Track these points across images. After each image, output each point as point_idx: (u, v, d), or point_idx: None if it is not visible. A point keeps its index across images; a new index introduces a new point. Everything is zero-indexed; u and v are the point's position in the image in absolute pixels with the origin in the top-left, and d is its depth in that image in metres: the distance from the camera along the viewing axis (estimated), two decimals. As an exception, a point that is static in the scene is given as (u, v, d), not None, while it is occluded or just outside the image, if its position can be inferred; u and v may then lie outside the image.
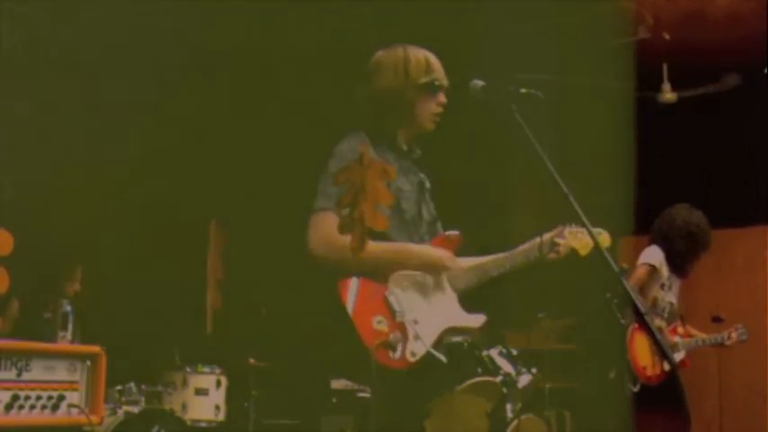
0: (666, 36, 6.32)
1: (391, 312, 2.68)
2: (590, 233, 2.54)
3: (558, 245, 3.00)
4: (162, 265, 5.89)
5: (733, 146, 6.73)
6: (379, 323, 2.64)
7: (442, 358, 2.67)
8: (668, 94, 6.69)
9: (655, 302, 5.10)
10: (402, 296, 2.72)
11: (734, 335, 5.43)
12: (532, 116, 2.69)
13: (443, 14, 5.61)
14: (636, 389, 4.88)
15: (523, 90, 2.72)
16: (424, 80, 2.94)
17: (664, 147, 6.93)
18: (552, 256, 3.02)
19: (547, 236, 3.03)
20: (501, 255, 3.01)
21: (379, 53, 3.02)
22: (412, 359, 2.63)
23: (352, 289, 2.68)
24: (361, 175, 1.78)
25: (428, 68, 2.97)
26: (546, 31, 6.15)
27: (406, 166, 2.97)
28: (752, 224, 6.97)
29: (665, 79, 6.69)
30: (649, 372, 4.95)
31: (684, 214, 5.23)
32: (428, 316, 2.74)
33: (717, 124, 6.78)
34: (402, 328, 2.65)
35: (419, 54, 2.99)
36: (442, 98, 2.99)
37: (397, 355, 2.61)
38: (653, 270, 5.08)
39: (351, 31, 5.72)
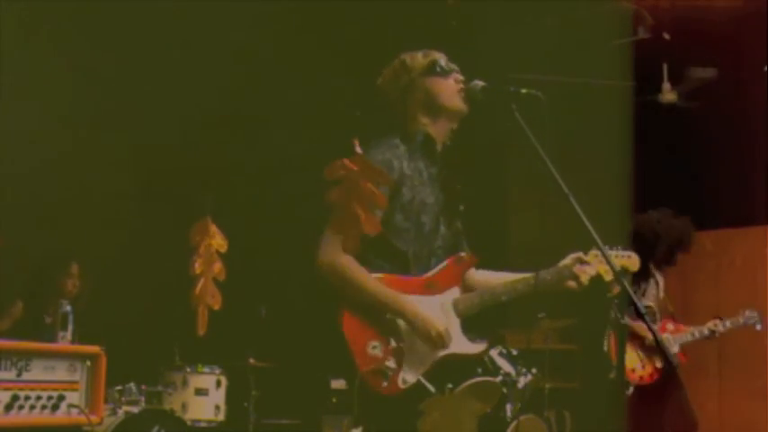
0: (666, 36, 6.32)
1: (386, 337, 2.67)
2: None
3: (577, 276, 2.87)
4: (162, 264, 5.88)
5: (733, 146, 6.73)
6: (374, 348, 2.64)
7: (431, 388, 2.65)
8: (668, 94, 6.69)
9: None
10: (402, 322, 2.70)
11: (728, 323, 5.30)
12: (532, 116, 2.68)
13: (443, 15, 5.62)
14: (629, 391, 4.89)
15: (523, 90, 2.72)
16: (425, 62, 2.92)
17: (663, 147, 6.93)
18: (571, 284, 2.89)
19: (566, 261, 2.91)
20: (513, 277, 2.93)
21: (381, 75, 3.01)
22: (402, 386, 2.63)
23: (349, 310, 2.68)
24: (355, 178, 1.77)
25: (425, 54, 2.95)
26: (546, 31, 6.15)
27: (434, 174, 2.91)
28: (752, 224, 6.97)
29: (665, 79, 6.69)
30: (639, 372, 4.97)
31: (653, 222, 5.19)
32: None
33: (716, 124, 6.77)
34: (398, 353, 2.65)
35: (413, 52, 2.98)
36: (457, 76, 2.93)
37: (388, 382, 2.61)
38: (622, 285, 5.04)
39: (351, 32, 5.72)
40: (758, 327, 5.35)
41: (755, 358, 6.61)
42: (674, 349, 5.18)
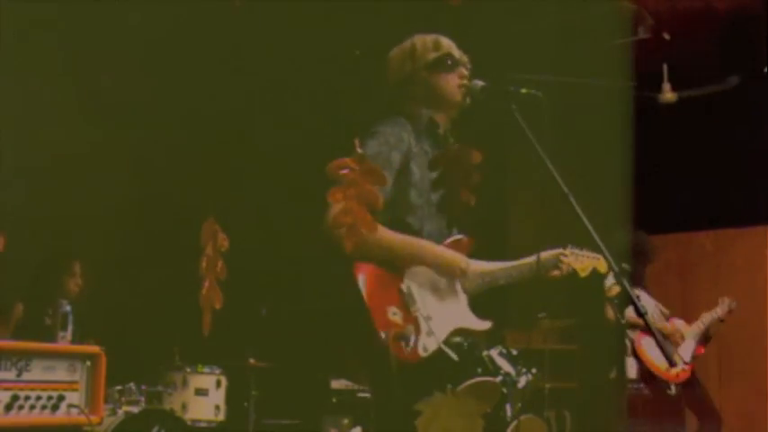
0: (666, 36, 6.32)
1: (406, 305, 2.68)
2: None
3: (562, 263, 3.04)
4: (162, 264, 5.88)
5: (733, 146, 6.73)
6: (395, 314, 2.64)
7: (454, 356, 2.69)
8: (668, 94, 6.69)
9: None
10: (417, 291, 2.73)
11: (726, 308, 5.40)
12: (532, 116, 2.69)
13: (443, 15, 5.61)
14: (673, 392, 4.97)
15: (523, 90, 2.72)
16: (432, 56, 2.93)
17: (663, 147, 6.93)
18: (555, 273, 3.05)
19: (551, 252, 3.06)
20: (510, 264, 3.03)
21: (392, 50, 3.02)
22: (423, 353, 2.64)
23: (366, 274, 2.67)
24: (356, 177, 1.78)
25: (436, 46, 2.96)
26: (546, 31, 6.15)
27: None
28: (752, 224, 6.97)
29: (665, 79, 6.68)
30: (675, 369, 5.02)
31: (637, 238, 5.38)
32: (440, 314, 2.75)
33: (717, 124, 6.77)
34: (416, 322, 2.66)
35: (426, 37, 2.99)
36: (463, 71, 2.95)
37: (410, 348, 2.62)
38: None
39: (351, 30, 5.72)
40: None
41: (755, 358, 6.61)
42: (692, 345, 5.19)
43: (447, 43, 2.97)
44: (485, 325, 2.89)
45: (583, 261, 3.07)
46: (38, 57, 5.27)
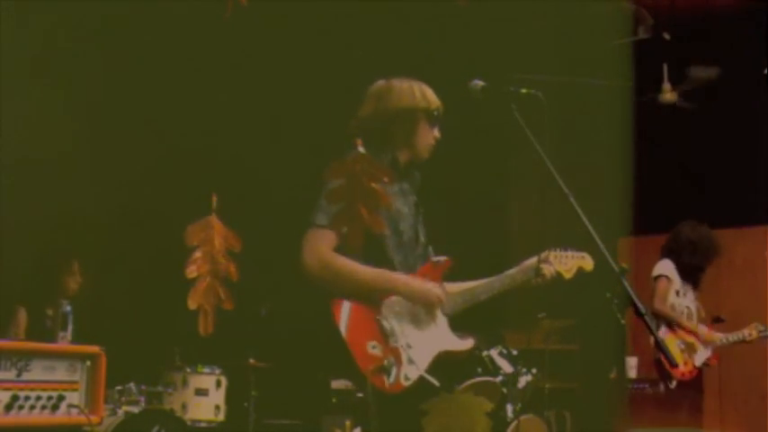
0: (666, 36, 6.32)
1: (385, 337, 2.72)
2: (597, 242, 2.54)
3: (542, 270, 3.02)
4: (163, 264, 5.87)
5: (733, 146, 6.73)
6: (374, 348, 2.69)
7: (435, 382, 2.72)
8: (668, 94, 6.69)
9: (672, 308, 5.42)
10: (394, 321, 2.77)
11: (754, 332, 5.68)
12: (532, 116, 2.69)
13: (444, 15, 5.62)
14: (672, 385, 5.22)
15: (523, 90, 2.73)
16: (433, 107, 3.01)
17: (663, 147, 6.92)
18: (538, 281, 3.04)
19: (532, 261, 3.05)
20: (490, 279, 3.05)
21: (384, 81, 3.06)
22: (406, 383, 2.69)
23: (344, 311, 2.73)
24: (358, 177, 1.77)
25: (436, 100, 3.05)
26: (546, 31, 6.15)
27: (404, 188, 3.01)
28: (752, 224, 6.97)
29: (665, 79, 6.69)
30: (681, 369, 5.25)
31: (688, 230, 5.50)
32: (420, 341, 2.79)
33: (716, 124, 6.77)
34: (396, 352, 2.70)
35: (421, 85, 3.07)
36: (437, 132, 3.05)
37: (392, 380, 2.66)
38: (668, 280, 5.41)
39: (352, 28, 5.72)
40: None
41: (755, 358, 6.61)
42: (707, 352, 5.51)
43: (431, 94, 3.05)
44: (467, 344, 2.92)
45: (567, 262, 3.08)
46: (36, 54, 5.26)
